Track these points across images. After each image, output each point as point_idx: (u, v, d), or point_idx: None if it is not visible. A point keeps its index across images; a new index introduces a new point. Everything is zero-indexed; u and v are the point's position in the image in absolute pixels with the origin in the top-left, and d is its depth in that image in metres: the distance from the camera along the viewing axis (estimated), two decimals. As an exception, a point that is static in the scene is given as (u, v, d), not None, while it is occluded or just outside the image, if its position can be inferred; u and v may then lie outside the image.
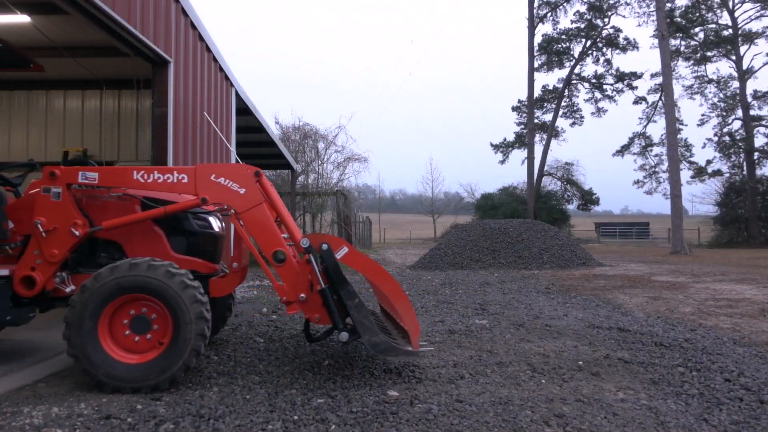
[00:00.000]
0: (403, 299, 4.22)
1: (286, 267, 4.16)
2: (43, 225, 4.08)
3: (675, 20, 32.72)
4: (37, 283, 4.11)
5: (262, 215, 4.22)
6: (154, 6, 6.66)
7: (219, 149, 8.96)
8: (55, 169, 4.15)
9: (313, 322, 4.25)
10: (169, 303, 3.84)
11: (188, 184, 4.22)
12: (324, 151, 23.49)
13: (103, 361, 3.78)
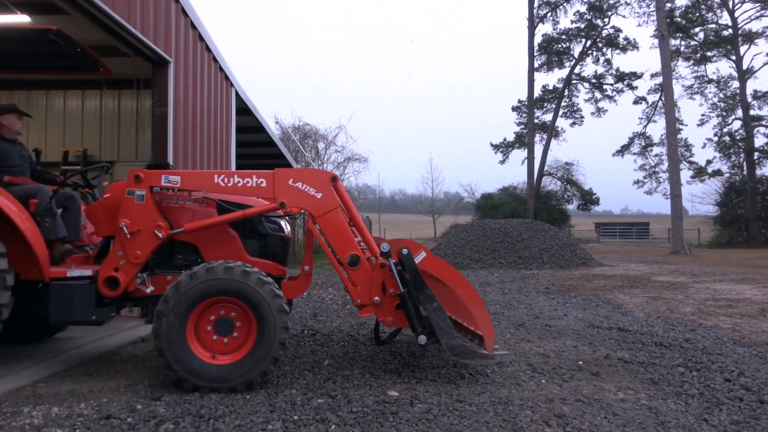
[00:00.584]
0: (478, 303, 4.27)
1: (360, 270, 4.26)
2: (127, 227, 4.17)
3: (675, 20, 32.72)
4: (121, 283, 4.18)
5: (338, 219, 4.31)
6: (154, 6, 6.66)
7: (219, 149, 8.96)
8: (140, 173, 4.24)
9: (386, 325, 4.34)
10: (256, 308, 3.90)
11: (267, 188, 4.31)
12: (324, 151, 23.51)
13: (196, 364, 3.83)
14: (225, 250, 4.44)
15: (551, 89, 38.13)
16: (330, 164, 23.80)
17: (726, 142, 34.54)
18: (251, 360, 3.89)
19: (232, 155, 9.74)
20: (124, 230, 4.16)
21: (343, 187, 4.45)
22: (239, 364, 3.88)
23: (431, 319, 4.09)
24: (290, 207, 4.32)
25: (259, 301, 3.89)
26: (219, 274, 3.87)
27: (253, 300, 3.89)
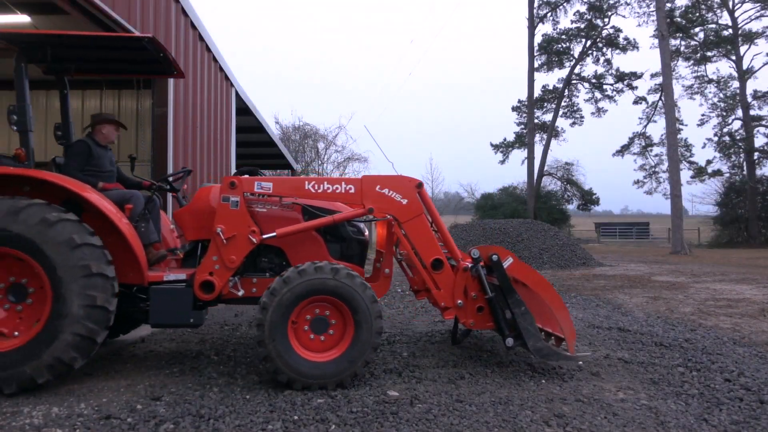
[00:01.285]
0: (562, 307, 4.46)
1: (443, 274, 4.43)
2: (223, 232, 4.26)
3: (675, 20, 32.71)
4: (216, 287, 4.28)
5: (423, 225, 4.47)
6: (154, 6, 6.66)
7: (219, 149, 8.96)
8: (235, 179, 4.35)
9: (467, 326, 4.52)
10: (351, 304, 4.04)
11: (355, 194, 4.44)
12: (324, 151, 23.50)
13: (296, 360, 3.96)
14: (311, 254, 4.57)
15: (551, 89, 38.12)
16: (330, 164, 23.82)
17: (726, 142, 34.53)
18: (347, 359, 4.04)
19: (232, 155, 9.75)
20: (220, 236, 4.26)
21: (426, 193, 4.60)
22: (335, 362, 4.03)
23: (519, 322, 4.28)
24: (377, 212, 4.48)
25: (359, 303, 4.04)
26: (326, 274, 4.02)
27: (354, 301, 4.03)
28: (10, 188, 4.05)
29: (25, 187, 4.08)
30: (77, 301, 3.75)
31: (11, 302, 3.93)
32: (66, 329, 3.73)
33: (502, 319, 4.36)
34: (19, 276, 3.94)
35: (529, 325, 4.30)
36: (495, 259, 4.36)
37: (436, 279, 4.43)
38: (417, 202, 4.46)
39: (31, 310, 3.95)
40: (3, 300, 3.93)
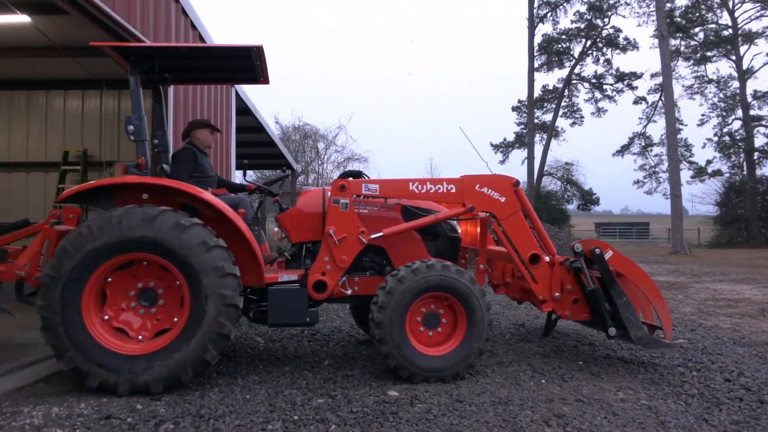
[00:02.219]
0: (658, 296, 4.60)
1: (540, 268, 4.61)
2: (335, 233, 4.42)
3: (675, 20, 32.69)
4: (328, 287, 4.44)
5: (520, 221, 4.65)
6: (154, 6, 6.66)
7: (219, 149, 8.96)
8: (344, 182, 4.53)
9: (564, 318, 4.70)
10: (463, 299, 4.24)
11: (456, 193, 4.63)
12: (324, 151, 23.51)
13: (413, 354, 4.15)
14: (411, 252, 4.74)
15: (551, 89, 38.10)
16: (330, 164, 23.82)
17: (726, 142, 34.51)
18: (462, 351, 4.23)
19: (232, 155, 9.75)
20: (332, 237, 4.42)
21: (522, 191, 4.76)
22: (451, 355, 4.23)
23: (621, 312, 4.43)
24: (478, 211, 4.67)
25: (471, 298, 4.24)
26: (438, 271, 4.19)
27: (465, 296, 4.23)
28: (130, 195, 4.24)
29: (143, 194, 4.22)
30: (212, 300, 3.88)
31: (145, 306, 4.08)
32: (204, 328, 3.87)
33: (604, 309, 4.48)
34: (146, 281, 4.07)
35: (630, 315, 4.43)
36: (597, 252, 4.50)
37: (533, 273, 4.61)
38: (514, 199, 4.66)
39: (164, 312, 4.09)
40: (137, 306, 4.07)
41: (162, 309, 4.09)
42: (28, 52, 8.46)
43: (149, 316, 4.08)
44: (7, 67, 9.38)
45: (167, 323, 4.04)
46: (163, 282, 4.08)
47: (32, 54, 8.52)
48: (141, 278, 4.07)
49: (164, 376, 3.83)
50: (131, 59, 4.49)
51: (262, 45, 4.44)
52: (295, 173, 19.30)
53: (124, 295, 4.06)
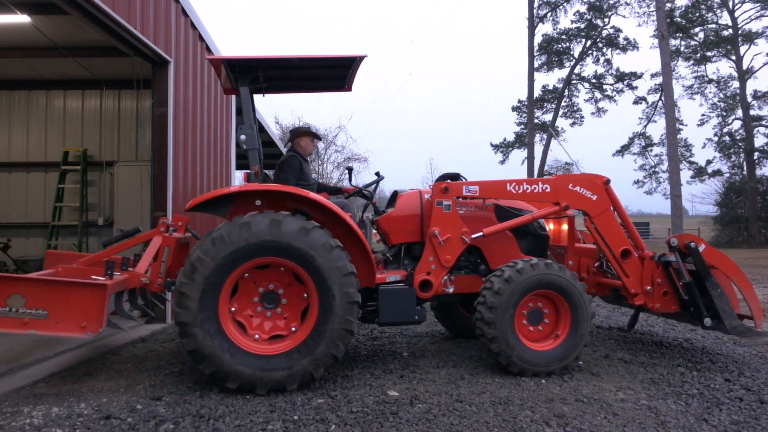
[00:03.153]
0: (749, 287, 4.73)
1: (631, 263, 4.79)
2: (440, 234, 4.59)
3: (675, 20, 32.67)
4: (433, 286, 4.61)
5: (611, 219, 4.85)
6: (154, 6, 6.65)
7: (219, 149, 8.96)
8: (447, 184, 4.68)
9: (654, 311, 4.81)
10: (567, 295, 4.41)
11: (550, 193, 4.82)
12: (324, 151, 23.49)
13: (522, 350, 4.32)
14: (505, 251, 4.96)
15: (551, 89, 38.07)
16: (330, 164, 23.80)
17: (726, 142, 34.49)
18: (568, 346, 4.40)
19: (232, 155, 9.74)
20: (437, 237, 4.59)
21: (613, 189, 4.92)
22: (557, 350, 4.40)
23: (716, 303, 4.56)
24: (572, 209, 4.87)
25: (575, 293, 4.41)
26: (542, 269, 4.37)
27: (569, 292, 4.41)
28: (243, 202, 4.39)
29: (256, 201, 4.37)
30: (339, 298, 4.05)
31: (270, 308, 4.21)
32: (333, 325, 4.03)
33: (699, 301, 4.60)
34: (266, 285, 4.19)
35: (725, 306, 4.55)
36: (692, 246, 4.63)
37: (625, 268, 4.77)
38: (605, 197, 4.83)
39: (289, 311, 4.22)
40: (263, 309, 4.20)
41: (286, 308, 4.23)
42: (28, 52, 8.46)
43: (276, 317, 4.21)
44: (7, 67, 9.38)
45: (294, 322, 4.19)
46: (281, 283, 4.22)
47: (32, 54, 8.52)
48: (260, 283, 4.19)
49: (299, 373, 3.98)
50: (237, 70, 4.60)
51: (366, 54, 4.56)
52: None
53: (249, 301, 4.19)
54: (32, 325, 3.63)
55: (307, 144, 5.27)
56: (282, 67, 4.89)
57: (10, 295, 3.61)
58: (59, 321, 3.65)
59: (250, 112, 4.58)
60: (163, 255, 4.62)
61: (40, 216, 10.10)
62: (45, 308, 3.65)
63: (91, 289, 3.74)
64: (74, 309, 3.67)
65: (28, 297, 3.64)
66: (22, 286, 3.66)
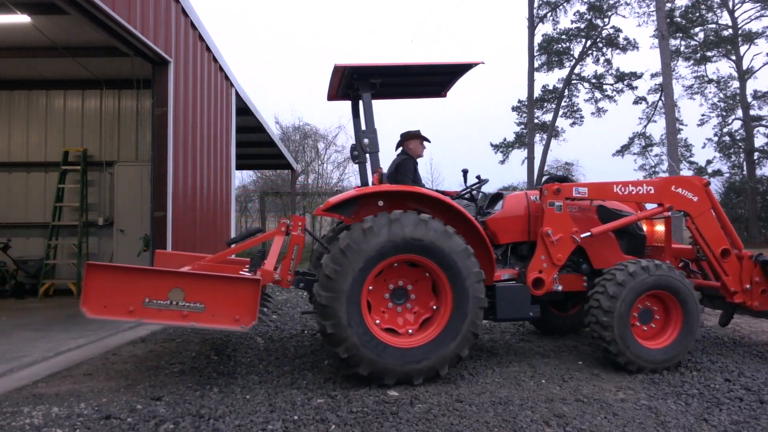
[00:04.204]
0: None
1: (730, 262, 4.95)
2: (552, 234, 4.75)
3: (675, 20, 32.66)
4: (545, 283, 4.77)
5: (711, 219, 5.01)
6: (154, 6, 6.65)
7: (219, 149, 8.96)
8: (559, 186, 4.84)
9: (753, 308, 4.94)
10: (679, 295, 4.55)
11: (654, 194, 5.00)
12: (324, 151, 23.49)
13: (638, 348, 4.47)
14: (607, 250, 5.10)
15: (551, 89, 38.05)
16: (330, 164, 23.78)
17: (726, 142, 34.49)
18: (681, 343, 4.55)
19: (232, 155, 9.75)
20: (550, 236, 4.75)
21: (711, 191, 5.13)
22: (671, 348, 4.54)
23: None
24: (675, 210, 5.02)
25: (685, 293, 4.55)
26: (654, 271, 4.49)
27: (680, 291, 4.54)
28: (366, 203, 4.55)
29: (379, 202, 4.51)
30: (472, 303, 4.22)
31: (399, 303, 4.37)
32: (464, 326, 4.20)
33: None
34: (395, 281, 4.36)
35: None
36: None
37: (724, 266, 4.93)
38: (705, 198, 5.00)
39: (418, 306, 4.39)
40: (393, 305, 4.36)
41: (415, 303, 4.39)
42: (28, 52, 8.46)
43: (406, 312, 4.37)
44: (7, 67, 9.38)
45: (424, 316, 4.35)
46: (409, 279, 4.38)
47: (32, 54, 8.52)
48: (390, 280, 4.35)
49: (426, 369, 4.12)
50: (355, 77, 4.71)
51: (484, 61, 4.67)
52: (296, 173, 19.28)
53: (380, 296, 4.34)
54: (191, 318, 3.84)
55: (416, 147, 5.40)
56: (400, 74, 5.07)
57: (171, 288, 3.83)
58: (215, 314, 3.86)
59: (372, 117, 4.70)
60: (292, 253, 4.79)
61: (40, 216, 10.10)
62: (202, 302, 3.86)
63: (247, 283, 3.97)
64: (229, 303, 3.89)
65: (188, 291, 3.85)
66: (182, 281, 3.88)
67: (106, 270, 3.89)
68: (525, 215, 5.12)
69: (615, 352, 4.43)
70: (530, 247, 5.04)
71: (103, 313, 3.78)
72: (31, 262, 9.46)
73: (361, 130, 4.71)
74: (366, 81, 4.67)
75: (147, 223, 7.45)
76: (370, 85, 4.69)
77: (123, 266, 4.00)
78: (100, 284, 3.79)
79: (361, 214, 4.48)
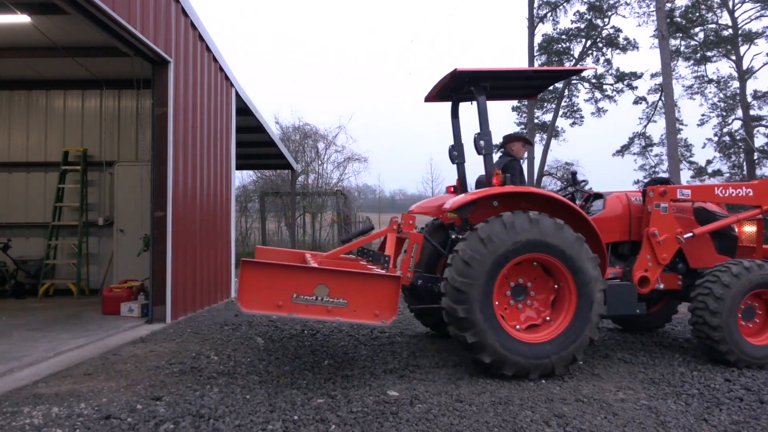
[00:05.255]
0: None
1: None
2: (659, 234, 4.93)
3: (675, 20, 32.66)
4: (650, 281, 4.96)
5: None
6: (154, 6, 6.65)
7: (219, 149, 8.95)
8: (666, 188, 5.04)
9: None
10: None
11: (753, 197, 5.22)
12: (324, 151, 23.47)
13: (746, 345, 4.64)
14: (703, 250, 5.29)
15: (551, 89, 38.07)
16: (330, 164, 23.75)
17: (726, 142, 34.50)
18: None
19: (232, 155, 9.73)
20: (656, 237, 4.94)
21: None
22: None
23: None
24: None
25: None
26: (757, 271, 4.65)
27: None
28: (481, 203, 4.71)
29: (493, 202, 4.70)
30: (595, 308, 4.40)
31: (519, 300, 4.58)
32: (584, 330, 4.38)
33: None
34: (515, 278, 4.55)
35: None
36: None
37: None
38: None
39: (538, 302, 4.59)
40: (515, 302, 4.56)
41: (533, 300, 4.60)
42: (28, 52, 8.46)
43: (526, 308, 4.57)
44: (7, 67, 9.37)
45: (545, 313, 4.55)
46: (528, 276, 4.58)
47: (32, 54, 8.51)
48: (511, 277, 4.54)
49: (543, 366, 4.27)
50: (467, 80, 4.86)
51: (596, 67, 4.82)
52: (296, 173, 19.29)
53: (502, 294, 4.52)
54: (335, 313, 4.02)
55: (519, 149, 5.59)
56: (511, 78, 5.26)
57: (317, 285, 4.00)
58: (357, 309, 4.05)
59: (487, 120, 4.87)
60: (412, 251, 4.96)
61: (40, 216, 10.09)
62: (345, 297, 4.03)
63: (388, 280, 4.15)
64: (370, 298, 4.07)
65: (332, 287, 4.03)
66: (327, 278, 4.05)
67: (258, 267, 4.05)
68: (626, 215, 5.29)
69: (724, 350, 4.58)
70: (631, 247, 5.25)
71: (255, 308, 3.96)
72: (31, 262, 9.46)
73: (477, 132, 4.85)
74: (481, 84, 4.83)
75: (147, 223, 7.44)
76: (483, 88, 4.85)
77: (273, 263, 4.23)
78: (253, 281, 3.96)
79: (478, 213, 4.69)
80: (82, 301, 8.77)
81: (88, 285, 9.66)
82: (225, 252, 9.09)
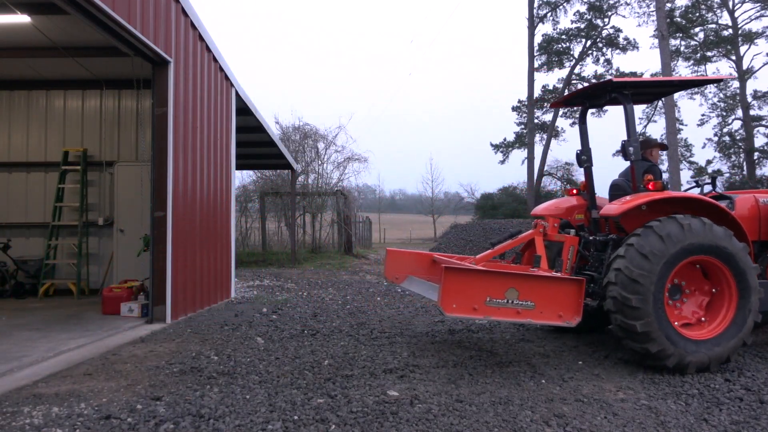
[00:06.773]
0: None
1: None
2: None
3: (675, 20, 32.68)
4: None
5: None
6: (154, 6, 6.65)
7: (219, 149, 8.95)
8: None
9: None
10: None
11: None
12: (324, 151, 23.45)
13: None
14: None
15: (551, 89, 38.09)
16: (330, 164, 23.73)
17: (726, 142, 34.51)
18: None
19: (232, 155, 9.73)
20: None
21: None
22: None
23: None
24: None
25: None
26: None
27: None
28: None
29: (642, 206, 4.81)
30: (752, 314, 4.63)
31: (675, 299, 4.74)
32: (741, 333, 4.60)
33: None
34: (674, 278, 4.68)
35: None
36: None
37: None
38: None
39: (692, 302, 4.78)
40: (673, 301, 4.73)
41: (689, 298, 4.78)
42: (28, 52, 8.46)
43: (683, 306, 4.76)
44: (7, 67, 9.38)
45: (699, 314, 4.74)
46: (683, 277, 4.76)
47: (32, 54, 8.52)
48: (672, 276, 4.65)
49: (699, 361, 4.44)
50: (609, 89, 5.07)
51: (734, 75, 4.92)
52: (296, 173, 19.28)
53: None
54: (524, 315, 4.25)
55: (656, 154, 5.80)
56: (657, 86, 5.57)
57: (508, 288, 4.24)
58: (543, 311, 4.28)
59: (635, 126, 5.07)
60: (568, 253, 5.15)
61: (40, 216, 10.10)
62: (532, 300, 4.27)
63: (572, 283, 4.37)
64: (555, 300, 4.30)
65: (521, 290, 4.26)
66: (517, 281, 4.29)
67: (459, 273, 4.26)
68: (756, 216, 5.42)
69: None
70: (760, 247, 5.41)
71: (454, 311, 4.16)
72: (31, 262, 9.46)
73: (624, 139, 5.05)
74: (624, 92, 5.03)
75: (147, 223, 7.44)
76: (627, 96, 5.04)
77: (469, 268, 4.46)
78: (454, 286, 4.17)
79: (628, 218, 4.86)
80: (82, 301, 8.77)
81: (88, 285, 9.66)
82: (225, 252, 9.09)
